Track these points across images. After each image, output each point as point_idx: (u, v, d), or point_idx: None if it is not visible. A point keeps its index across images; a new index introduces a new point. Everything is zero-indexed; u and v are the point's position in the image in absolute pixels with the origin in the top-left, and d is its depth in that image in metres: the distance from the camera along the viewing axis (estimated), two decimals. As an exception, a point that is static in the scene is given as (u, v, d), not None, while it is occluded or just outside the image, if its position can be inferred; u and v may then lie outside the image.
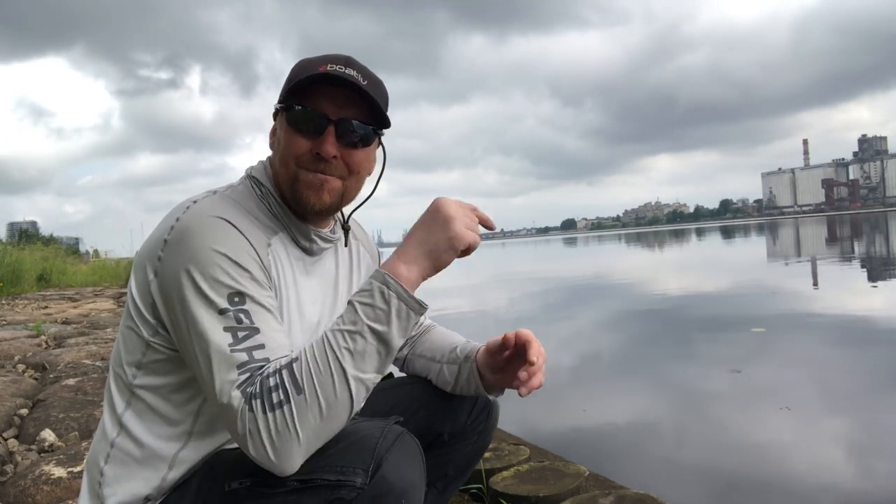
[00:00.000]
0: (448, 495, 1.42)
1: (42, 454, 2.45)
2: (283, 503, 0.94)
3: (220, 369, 0.93)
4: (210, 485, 1.02)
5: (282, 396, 0.90)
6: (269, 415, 0.89)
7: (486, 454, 2.32)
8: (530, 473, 2.14)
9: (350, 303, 0.97)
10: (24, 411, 3.01)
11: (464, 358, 1.31)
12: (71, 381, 3.47)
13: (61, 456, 2.27)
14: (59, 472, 2.10)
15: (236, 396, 0.91)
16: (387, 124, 1.14)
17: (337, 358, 0.92)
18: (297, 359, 0.93)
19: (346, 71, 1.07)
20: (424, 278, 1.01)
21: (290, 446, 0.90)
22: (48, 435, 2.57)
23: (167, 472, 1.04)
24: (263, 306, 0.99)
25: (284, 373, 0.91)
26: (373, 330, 0.94)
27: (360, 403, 0.95)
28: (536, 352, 1.16)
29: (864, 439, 3.03)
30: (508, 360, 1.24)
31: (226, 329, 0.95)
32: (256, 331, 0.96)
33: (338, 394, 0.92)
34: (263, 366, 0.93)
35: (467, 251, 1.02)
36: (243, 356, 0.93)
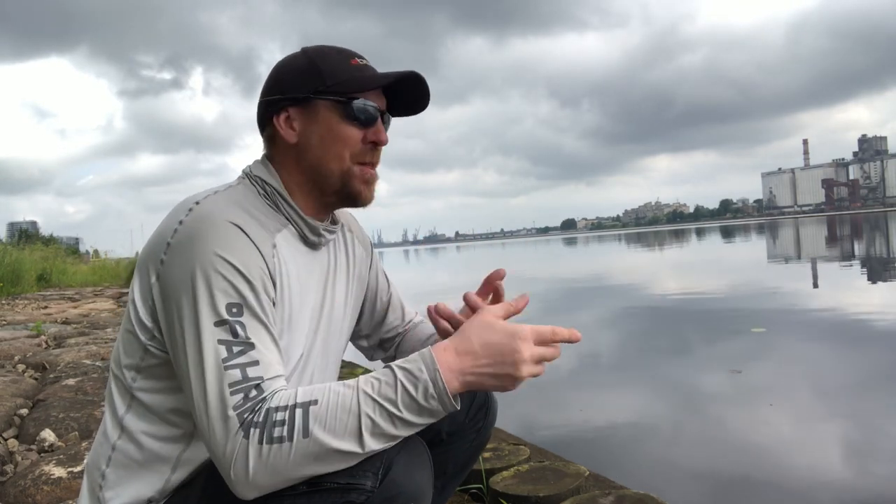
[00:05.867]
0: (447, 494, 1.42)
1: (42, 454, 2.45)
2: None
3: (212, 385, 0.91)
4: (214, 487, 0.99)
5: (285, 433, 0.87)
6: (265, 446, 0.87)
7: (486, 454, 2.32)
8: (530, 473, 2.14)
9: (392, 372, 0.93)
10: (24, 411, 3.01)
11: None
12: (71, 381, 3.47)
13: (61, 456, 2.27)
14: (59, 472, 2.10)
15: (232, 419, 0.89)
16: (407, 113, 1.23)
17: (359, 419, 0.89)
18: (316, 402, 0.90)
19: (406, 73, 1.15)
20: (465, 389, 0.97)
21: (271, 480, 0.88)
22: (48, 435, 2.57)
23: (171, 474, 1.04)
24: (261, 321, 0.97)
25: (298, 412, 0.88)
26: (402, 419, 0.91)
27: (347, 465, 0.91)
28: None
29: (863, 439, 3.03)
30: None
31: (220, 342, 0.93)
32: (252, 346, 0.94)
33: (342, 451, 0.89)
34: (258, 384, 0.91)
35: None
36: (237, 374, 0.91)
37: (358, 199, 1.15)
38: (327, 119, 1.11)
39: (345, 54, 1.14)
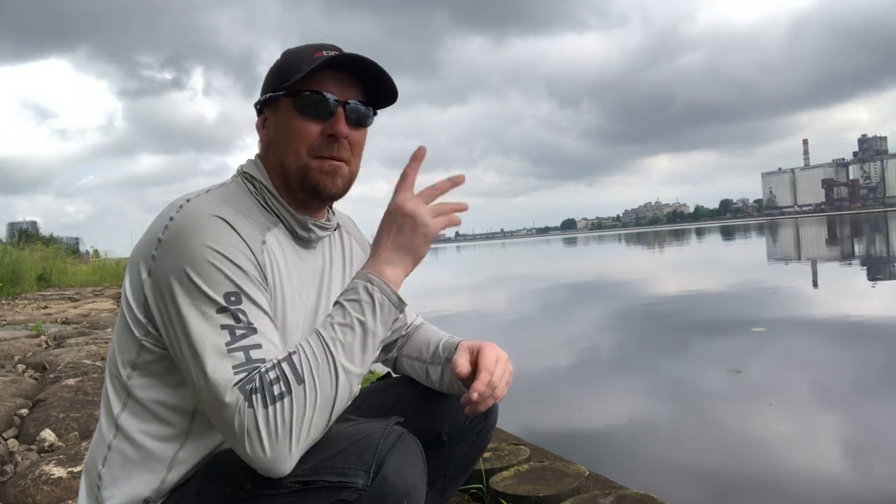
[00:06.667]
0: (448, 495, 1.42)
1: (42, 454, 2.45)
2: None
3: (215, 368, 0.92)
4: (210, 487, 1.01)
5: (283, 388, 0.90)
6: (270, 408, 0.89)
7: (486, 454, 2.32)
8: (530, 473, 2.14)
9: (337, 302, 1.00)
10: (24, 411, 3.01)
11: (444, 359, 1.31)
12: (71, 381, 3.46)
13: (61, 456, 2.26)
14: (59, 472, 2.10)
15: (234, 395, 0.90)
16: (391, 98, 1.16)
17: (330, 349, 0.94)
18: (294, 352, 0.94)
19: (346, 52, 1.10)
20: (407, 275, 1.06)
21: (288, 441, 0.89)
22: (48, 435, 2.57)
23: (166, 474, 1.04)
24: (260, 307, 0.99)
25: (285, 365, 0.92)
26: (360, 322, 0.97)
27: (346, 399, 0.96)
28: (483, 382, 1.16)
29: (862, 438, 3.03)
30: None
31: (223, 327, 0.94)
32: (254, 330, 0.95)
33: (332, 385, 0.93)
34: (260, 366, 0.93)
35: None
36: (240, 356, 0.93)
37: (320, 190, 1.12)
38: (285, 115, 1.12)
39: (312, 48, 1.12)
